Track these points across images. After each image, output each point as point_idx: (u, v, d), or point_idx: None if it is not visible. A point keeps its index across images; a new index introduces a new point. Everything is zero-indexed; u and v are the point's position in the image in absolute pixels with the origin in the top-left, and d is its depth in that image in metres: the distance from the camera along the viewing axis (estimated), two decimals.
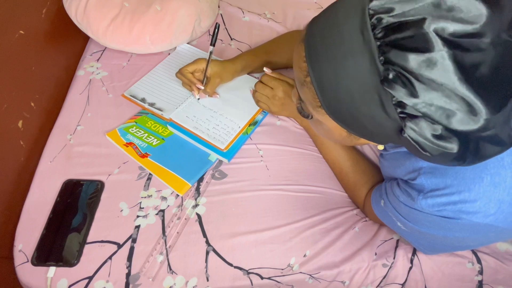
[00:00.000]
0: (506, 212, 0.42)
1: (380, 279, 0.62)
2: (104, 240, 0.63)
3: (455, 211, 0.43)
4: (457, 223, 0.44)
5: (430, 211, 0.46)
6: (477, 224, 0.43)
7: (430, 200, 0.45)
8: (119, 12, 0.84)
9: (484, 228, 0.44)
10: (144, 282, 0.59)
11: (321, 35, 0.37)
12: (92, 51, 0.92)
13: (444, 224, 0.46)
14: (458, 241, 0.50)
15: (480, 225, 0.43)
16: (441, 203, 0.44)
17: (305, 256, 0.63)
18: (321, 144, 0.73)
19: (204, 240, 0.63)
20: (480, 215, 0.43)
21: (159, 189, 0.69)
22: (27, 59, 0.75)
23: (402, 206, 0.51)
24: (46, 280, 0.58)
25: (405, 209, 0.50)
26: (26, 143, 0.73)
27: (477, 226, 0.44)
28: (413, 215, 0.49)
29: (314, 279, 0.62)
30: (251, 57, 0.82)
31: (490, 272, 0.63)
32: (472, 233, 0.46)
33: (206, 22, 0.94)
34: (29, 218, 0.65)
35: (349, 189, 0.70)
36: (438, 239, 0.51)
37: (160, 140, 0.74)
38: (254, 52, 0.84)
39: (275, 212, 0.67)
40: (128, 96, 0.82)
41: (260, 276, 0.61)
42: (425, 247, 0.56)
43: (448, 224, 0.45)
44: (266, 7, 1.06)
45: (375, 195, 0.61)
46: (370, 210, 0.64)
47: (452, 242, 0.51)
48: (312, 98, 0.41)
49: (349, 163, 0.68)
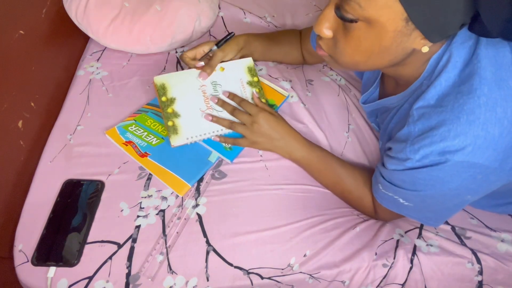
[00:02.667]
0: (482, 147, 0.45)
1: (380, 279, 0.62)
2: (104, 240, 0.63)
3: (440, 153, 0.47)
4: (445, 170, 0.48)
5: (418, 162, 0.49)
6: (461, 164, 0.46)
7: (417, 145, 0.48)
8: (119, 12, 0.84)
9: (469, 170, 0.47)
10: (144, 282, 0.59)
11: None
12: (92, 51, 0.92)
13: (435, 175, 0.49)
14: (455, 196, 0.52)
15: (464, 165, 0.46)
16: (426, 145, 0.47)
17: (305, 256, 0.63)
18: (318, 172, 0.70)
19: (204, 240, 0.63)
20: (460, 153, 0.45)
21: (159, 189, 0.69)
22: (27, 59, 0.75)
23: (395, 175, 0.54)
24: (46, 280, 0.58)
25: (398, 176, 0.54)
26: (26, 143, 0.73)
27: (462, 168, 0.47)
28: (406, 178, 0.53)
29: (314, 279, 0.62)
30: (254, 37, 0.81)
31: (490, 272, 0.63)
32: (461, 179, 0.49)
33: (206, 23, 0.94)
34: (29, 218, 0.65)
35: (356, 204, 0.69)
36: (439, 201, 0.54)
37: (160, 139, 0.74)
38: (256, 34, 0.83)
39: (275, 212, 0.67)
40: None
41: (260, 276, 0.61)
42: (432, 219, 0.59)
43: (438, 173, 0.49)
44: (266, 10, 1.06)
45: (374, 187, 0.62)
46: (380, 208, 0.65)
47: (451, 199, 0.54)
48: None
49: (349, 181, 0.68)
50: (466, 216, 0.70)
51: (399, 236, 0.66)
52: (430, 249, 0.64)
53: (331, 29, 0.48)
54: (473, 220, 0.69)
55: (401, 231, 0.67)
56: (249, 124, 0.69)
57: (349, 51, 0.48)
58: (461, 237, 0.67)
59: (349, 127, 0.80)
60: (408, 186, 0.54)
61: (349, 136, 0.78)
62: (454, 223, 0.68)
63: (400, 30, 0.43)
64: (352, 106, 0.83)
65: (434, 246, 0.65)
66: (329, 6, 0.47)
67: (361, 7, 0.42)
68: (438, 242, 0.65)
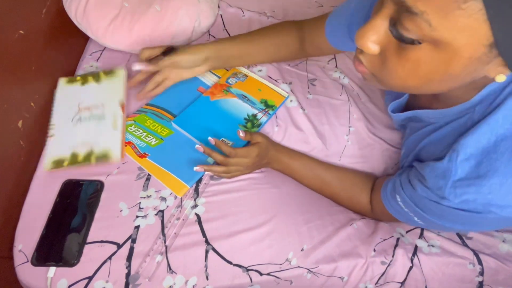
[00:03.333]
0: None
1: (378, 276, 0.62)
2: (104, 240, 0.63)
3: (485, 204, 0.41)
4: (485, 218, 0.42)
5: (456, 205, 0.43)
6: (504, 218, 0.42)
7: (459, 190, 0.42)
8: (119, 12, 0.84)
9: (509, 222, 0.43)
10: (144, 282, 0.59)
11: None
12: (91, 51, 0.92)
13: (470, 219, 0.44)
14: (478, 227, 0.49)
15: (506, 219, 0.42)
16: (470, 192, 0.41)
17: (303, 250, 0.63)
18: (302, 179, 0.70)
19: (203, 240, 0.63)
20: (509, 210, 0.40)
21: (158, 189, 0.69)
22: (27, 59, 0.75)
23: (423, 201, 0.48)
24: (46, 280, 0.58)
25: (426, 204, 0.48)
26: (26, 143, 0.73)
27: (504, 220, 0.42)
28: (435, 210, 0.47)
29: (312, 274, 0.62)
30: (224, 42, 0.70)
31: (491, 273, 0.63)
32: (497, 226, 0.45)
33: (206, 23, 0.94)
34: (29, 218, 0.65)
35: (347, 204, 0.69)
36: (457, 229, 0.51)
37: (159, 140, 0.74)
38: (231, 38, 0.72)
39: (273, 209, 0.67)
40: None
41: (259, 273, 0.61)
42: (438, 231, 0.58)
43: (475, 219, 0.43)
44: (266, 6, 1.06)
45: (385, 192, 0.59)
46: (381, 211, 0.63)
47: (471, 228, 0.51)
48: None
49: (336, 183, 0.68)
50: None
51: (399, 235, 0.66)
52: (431, 250, 0.64)
53: (379, 43, 0.37)
54: None
55: (401, 230, 0.67)
56: (248, 166, 0.66)
57: (402, 75, 0.38)
58: (463, 237, 0.66)
59: (349, 129, 0.79)
60: (432, 215, 0.48)
61: (349, 140, 0.78)
62: None
63: (479, 57, 0.33)
64: (354, 106, 0.83)
65: (435, 247, 0.64)
66: (380, 16, 0.36)
67: (431, 27, 0.31)
68: (440, 242, 0.65)
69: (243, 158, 0.63)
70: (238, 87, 0.82)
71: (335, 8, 0.70)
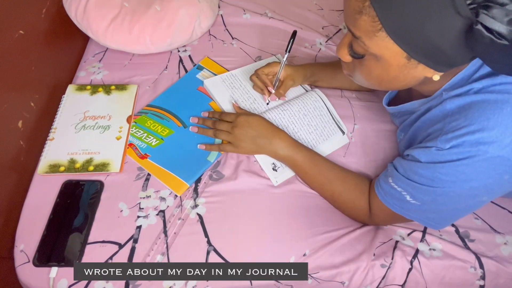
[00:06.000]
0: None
1: (379, 280, 0.62)
2: (105, 240, 0.63)
3: (473, 143, 0.45)
4: (473, 165, 0.46)
5: (447, 153, 0.48)
6: (492, 160, 0.45)
7: (450, 135, 0.48)
8: (119, 12, 0.84)
9: (499, 167, 0.45)
10: (144, 282, 0.59)
11: None
12: (94, 52, 0.92)
13: (460, 171, 0.47)
14: (472, 196, 0.50)
15: (495, 161, 0.45)
16: (459, 135, 0.46)
17: (305, 256, 0.63)
18: (304, 173, 0.69)
19: (205, 240, 0.63)
20: (496, 145, 0.44)
21: (158, 189, 0.69)
22: (27, 59, 0.75)
23: (414, 167, 0.53)
24: (47, 280, 0.58)
25: (418, 170, 0.52)
26: (26, 143, 0.73)
27: (493, 165, 0.45)
28: (426, 173, 0.51)
29: (313, 279, 0.62)
30: (319, 66, 0.84)
31: (492, 277, 0.63)
32: (487, 177, 0.47)
33: (206, 23, 0.94)
34: (29, 218, 0.65)
35: (347, 207, 0.67)
36: (451, 201, 0.52)
37: (160, 140, 0.74)
38: (321, 63, 0.86)
39: (276, 212, 0.67)
40: None
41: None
42: (434, 220, 0.57)
43: (465, 168, 0.47)
44: (267, 7, 1.06)
45: (378, 183, 0.61)
46: (378, 209, 0.62)
47: (466, 199, 0.51)
48: (370, 24, 0.42)
49: (338, 182, 0.66)
50: (470, 216, 0.69)
51: (399, 238, 0.66)
52: (432, 254, 0.64)
53: (349, 55, 0.52)
54: (478, 220, 0.69)
55: (402, 233, 0.66)
56: (230, 130, 0.70)
57: (363, 76, 0.53)
58: (465, 239, 0.66)
59: (354, 127, 0.79)
60: (424, 181, 0.52)
61: (353, 137, 0.78)
62: (458, 224, 0.68)
63: (404, 65, 0.46)
64: (357, 106, 0.83)
65: (437, 250, 0.64)
66: (347, 36, 0.51)
67: (366, 46, 0.46)
68: (441, 245, 0.64)
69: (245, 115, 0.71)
70: None
71: None
